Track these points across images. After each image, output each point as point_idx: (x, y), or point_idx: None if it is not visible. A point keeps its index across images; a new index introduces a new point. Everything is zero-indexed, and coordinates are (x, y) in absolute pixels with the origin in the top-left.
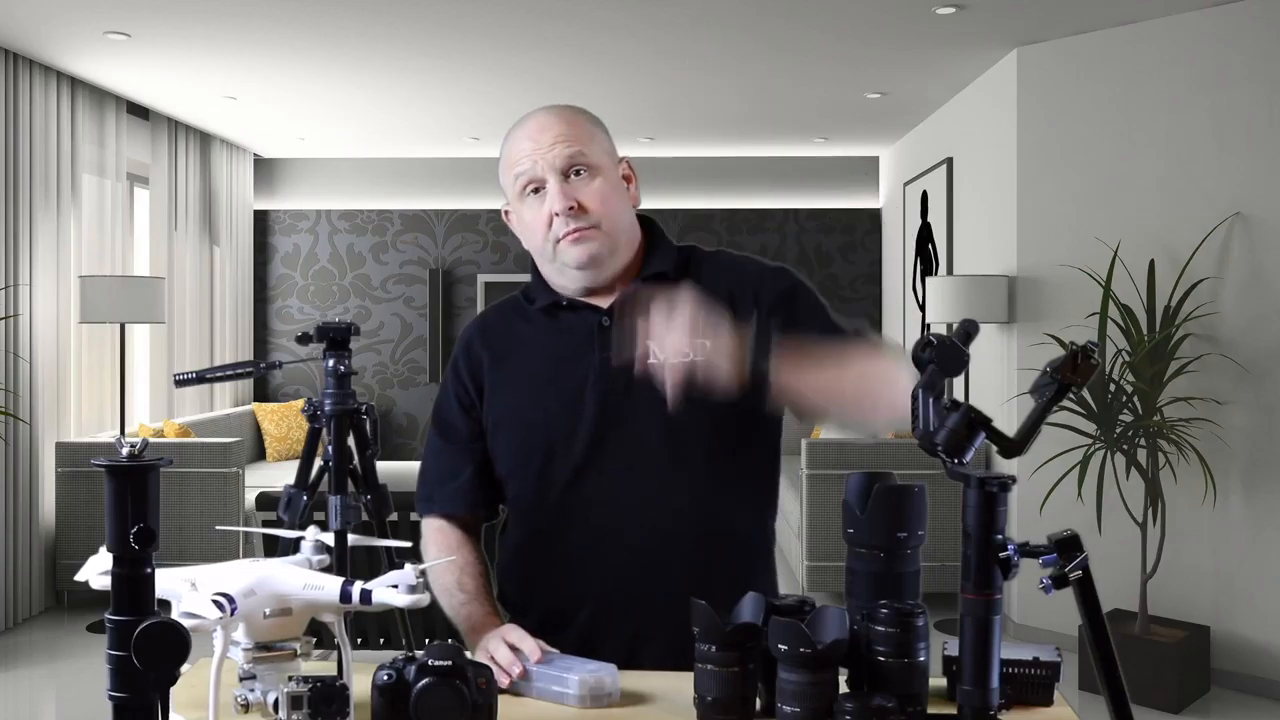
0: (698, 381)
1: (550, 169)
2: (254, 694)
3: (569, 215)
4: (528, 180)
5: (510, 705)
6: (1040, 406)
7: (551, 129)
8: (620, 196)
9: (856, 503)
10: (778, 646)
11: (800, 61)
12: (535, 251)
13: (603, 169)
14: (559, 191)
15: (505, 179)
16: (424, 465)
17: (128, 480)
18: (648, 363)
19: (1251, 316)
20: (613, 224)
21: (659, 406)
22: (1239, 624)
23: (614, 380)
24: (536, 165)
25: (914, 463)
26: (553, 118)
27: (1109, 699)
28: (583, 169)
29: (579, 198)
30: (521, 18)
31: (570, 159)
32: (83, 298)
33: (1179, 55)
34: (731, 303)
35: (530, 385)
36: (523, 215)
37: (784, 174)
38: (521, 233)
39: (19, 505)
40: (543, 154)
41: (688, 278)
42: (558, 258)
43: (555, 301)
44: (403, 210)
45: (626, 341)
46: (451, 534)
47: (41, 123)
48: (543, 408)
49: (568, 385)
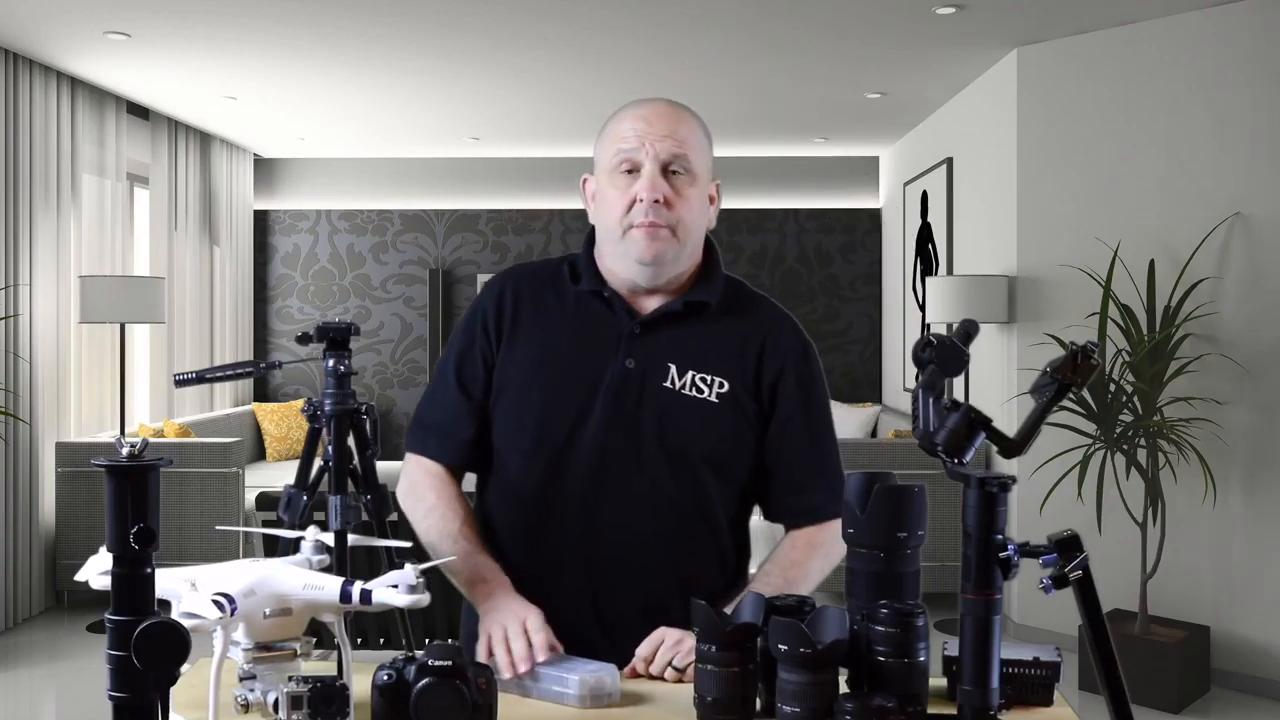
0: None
1: (653, 156)
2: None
3: (654, 206)
4: (627, 158)
5: (510, 705)
6: (1040, 407)
7: (668, 121)
8: (703, 211)
9: (856, 503)
10: (778, 646)
11: (800, 61)
12: (605, 229)
13: (698, 180)
14: (653, 180)
15: (603, 150)
16: (427, 404)
17: (128, 480)
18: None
19: (1251, 316)
20: (687, 233)
21: (666, 432)
22: (1239, 624)
23: (628, 390)
24: (643, 148)
25: (914, 463)
26: (672, 111)
27: (1109, 699)
28: (681, 171)
29: (669, 195)
30: (521, 18)
31: (675, 156)
32: (83, 298)
33: (1179, 55)
34: (760, 354)
35: (547, 368)
36: (606, 191)
37: (784, 174)
38: (598, 207)
39: (19, 505)
40: (653, 140)
41: (728, 313)
42: (625, 242)
43: (598, 290)
44: (403, 210)
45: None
46: (449, 483)
47: (41, 123)
48: (554, 397)
49: (584, 380)
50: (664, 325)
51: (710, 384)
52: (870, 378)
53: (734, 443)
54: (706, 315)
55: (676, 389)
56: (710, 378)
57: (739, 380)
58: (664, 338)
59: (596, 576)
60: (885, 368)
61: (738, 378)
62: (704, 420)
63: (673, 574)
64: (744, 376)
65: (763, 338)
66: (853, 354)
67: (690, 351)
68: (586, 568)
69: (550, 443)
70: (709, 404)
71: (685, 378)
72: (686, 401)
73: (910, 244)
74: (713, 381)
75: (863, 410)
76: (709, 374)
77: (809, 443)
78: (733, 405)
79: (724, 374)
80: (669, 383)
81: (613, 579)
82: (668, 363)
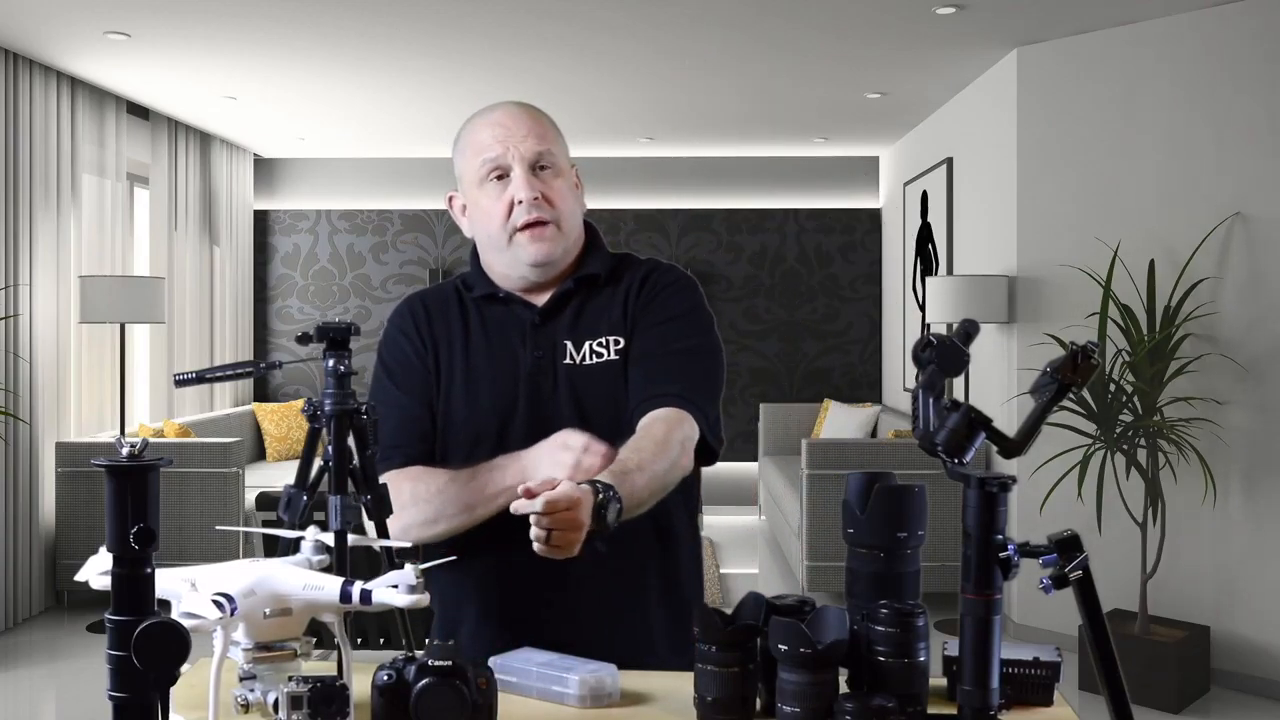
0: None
1: (519, 158)
2: (254, 694)
3: (533, 205)
4: (494, 166)
5: (510, 705)
6: (1040, 407)
7: (523, 122)
8: (576, 200)
9: (856, 503)
10: (778, 646)
11: (800, 61)
12: (487, 239)
13: (563, 171)
14: (526, 181)
15: (466, 164)
16: (382, 429)
17: (128, 480)
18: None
19: (1251, 316)
20: (569, 224)
21: (581, 405)
22: (1239, 624)
23: (543, 377)
24: (508, 153)
25: (914, 463)
26: (523, 112)
27: (1109, 699)
28: (548, 166)
29: (545, 191)
30: (521, 18)
31: (539, 154)
32: (83, 298)
33: (1179, 55)
34: (637, 295)
35: (464, 377)
36: (480, 201)
37: (784, 174)
38: (475, 219)
39: (19, 505)
40: (515, 143)
41: (615, 279)
42: (512, 248)
43: (492, 293)
44: (403, 210)
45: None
46: (434, 470)
47: (41, 123)
48: (476, 400)
49: (500, 380)
50: (560, 310)
51: (607, 345)
52: (870, 378)
53: None
54: (596, 289)
55: (578, 363)
56: (605, 339)
57: (627, 331)
58: (561, 319)
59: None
60: (885, 368)
61: (626, 329)
62: (610, 381)
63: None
64: (629, 324)
65: (641, 282)
66: (853, 354)
67: (582, 324)
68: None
69: (485, 444)
70: (612, 364)
71: (582, 350)
72: (589, 371)
73: (910, 244)
74: (608, 342)
75: (863, 410)
76: (602, 337)
77: (669, 348)
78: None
79: (616, 332)
80: (568, 359)
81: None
82: (564, 341)
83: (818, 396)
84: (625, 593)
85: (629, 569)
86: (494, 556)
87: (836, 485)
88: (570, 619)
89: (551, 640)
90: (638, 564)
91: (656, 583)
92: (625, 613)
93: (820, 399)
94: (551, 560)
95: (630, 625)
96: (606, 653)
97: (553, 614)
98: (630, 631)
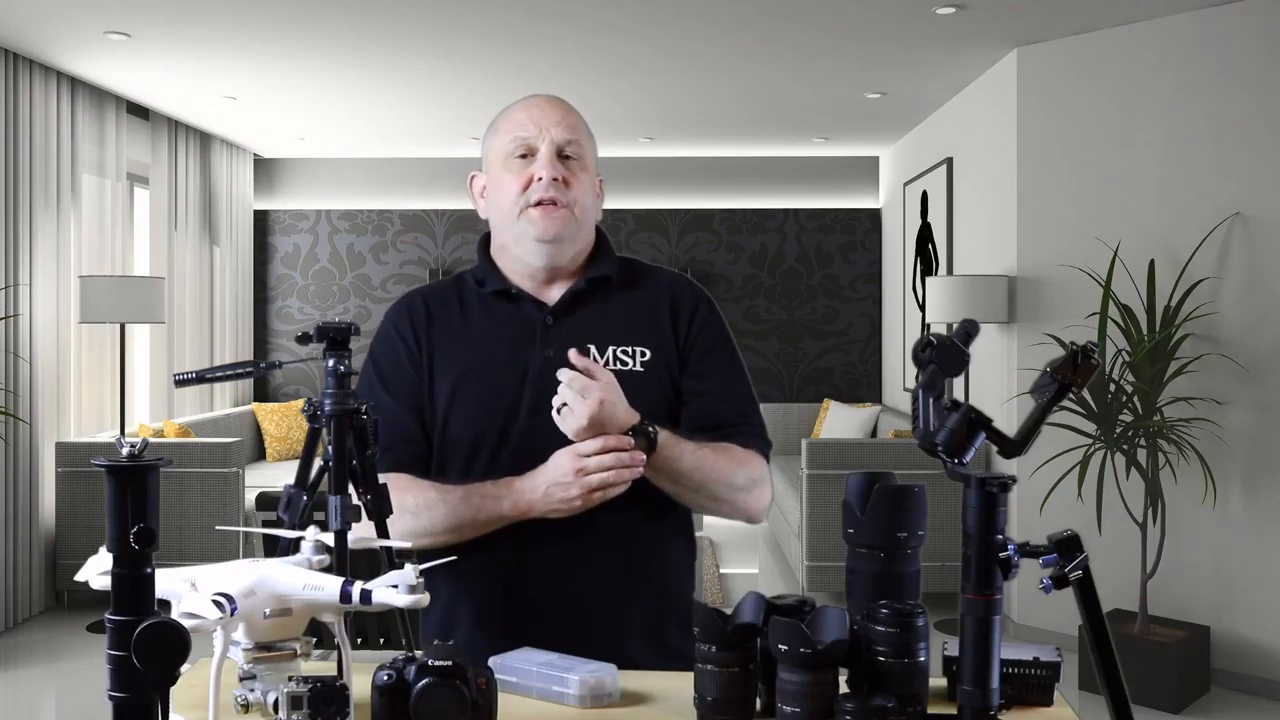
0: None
1: (548, 140)
2: (254, 694)
3: (551, 184)
4: (523, 144)
5: (510, 705)
6: (1040, 407)
7: (558, 111)
8: (594, 198)
9: (856, 503)
10: (778, 646)
11: (800, 61)
12: (500, 214)
13: (588, 167)
14: (550, 161)
15: (496, 141)
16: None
17: (128, 480)
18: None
19: (1251, 316)
20: (582, 213)
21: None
22: (1239, 624)
23: (551, 377)
24: (540, 134)
25: (914, 463)
26: (560, 103)
27: (1109, 699)
28: (574, 157)
29: (566, 175)
30: (521, 18)
31: (569, 141)
32: (83, 298)
33: (1179, 55)
34: (673, 311)
35: (466, 377)
36: (500, 177)
37: (784, 174)
38: (493, 196)
39: (19, 505)
40: (547, 126)
41: (630, 284)
42: (521, 221)
43: (504, 290)
44: (403, 210)
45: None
46: (422, 482)
47: (41, 123)
48: (478, 400)
49: (507, 377)
50: (574, 310)
51: (633, 355)
52: (870, 378)
53: (664, 407)
54: (610, 292)
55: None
56: (631, 349)
57: (660, 345)
58: (577, 321)
59: (559, 551)
60: (885, 368)
61: (659, 343)
62: (632, 390)
63: (620, 541)
64: (663, 340)
65: (670, 298)
66: (853, 354)
67: (605, 329)
68: (546, 547)
69: (486, 444)
70: (635, 374)
71: (606, 354)
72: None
73: (910, 244)
74: (634, 352)
75: (863, 410)
76: (629, 345)
77: (728, 377)
78: (657, 371)
79: (644, 343)
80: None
81: (576, 547)
82: (587, 344)
83: (818, 396)
84: (621, 593)
85: (623, 569)
86: (490, 555)
87: (836, 485)
88: (566, 620)
89: (547, 640)
90: (632, 564)
91: (650, 584)
92: (622, 613)
93: (820, 399)
94: (547, 560)
95: (625, 625)
96: (604, 653)
97: (551, 614)
98: (626, 631)
